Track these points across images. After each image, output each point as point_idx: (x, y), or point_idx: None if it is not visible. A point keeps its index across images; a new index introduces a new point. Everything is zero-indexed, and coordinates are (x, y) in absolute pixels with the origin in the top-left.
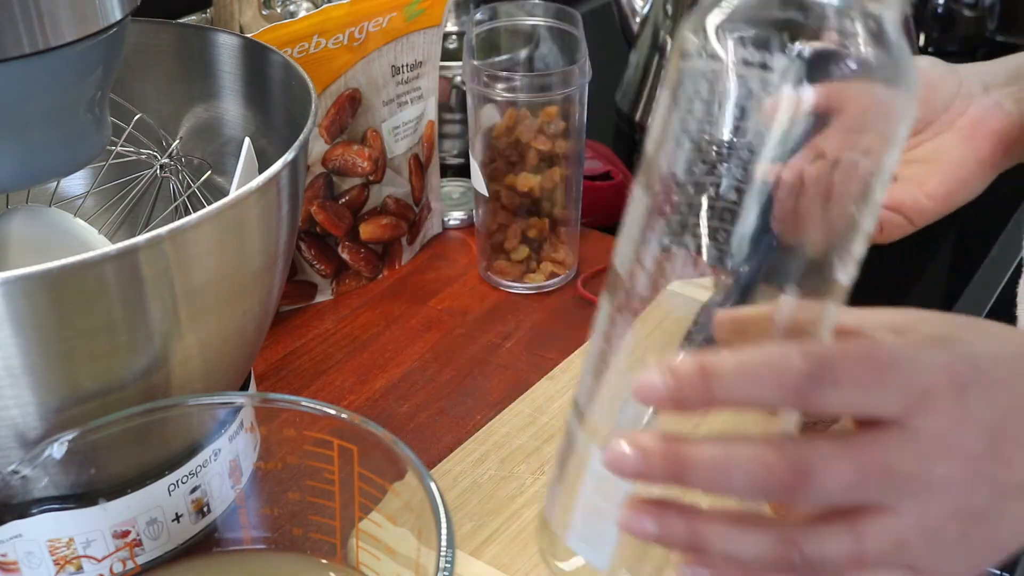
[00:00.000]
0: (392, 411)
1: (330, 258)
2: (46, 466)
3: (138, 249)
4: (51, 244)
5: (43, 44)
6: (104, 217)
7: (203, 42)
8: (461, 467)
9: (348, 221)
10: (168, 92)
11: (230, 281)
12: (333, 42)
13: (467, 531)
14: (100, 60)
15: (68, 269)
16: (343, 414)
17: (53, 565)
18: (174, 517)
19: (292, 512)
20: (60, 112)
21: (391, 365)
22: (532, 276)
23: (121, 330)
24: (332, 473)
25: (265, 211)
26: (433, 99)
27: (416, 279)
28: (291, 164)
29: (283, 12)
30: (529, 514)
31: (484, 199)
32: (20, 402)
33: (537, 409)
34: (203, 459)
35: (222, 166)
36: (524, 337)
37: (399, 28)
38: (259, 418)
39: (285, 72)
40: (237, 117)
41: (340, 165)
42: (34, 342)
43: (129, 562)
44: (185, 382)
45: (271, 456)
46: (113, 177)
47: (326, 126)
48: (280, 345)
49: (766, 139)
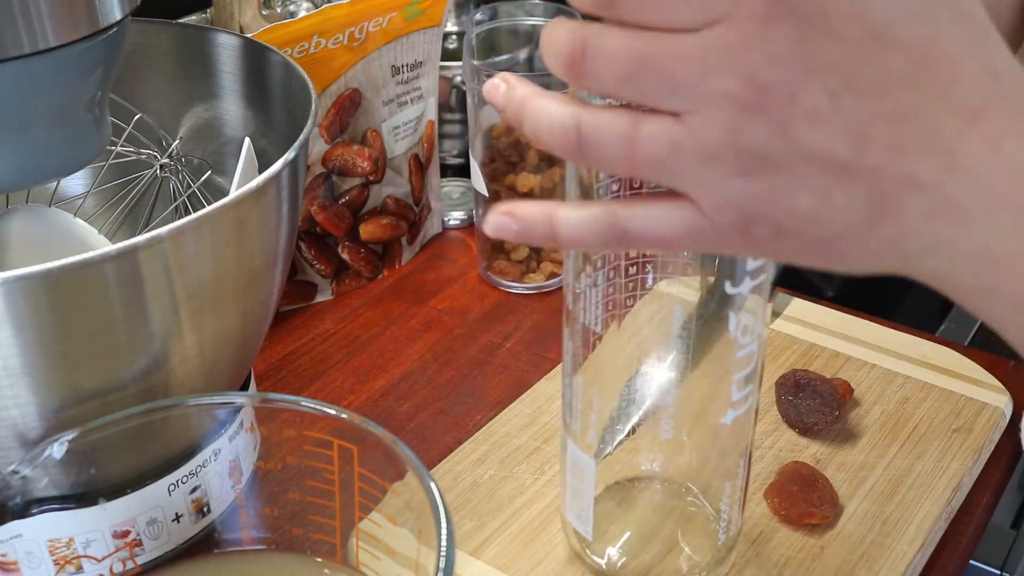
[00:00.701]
0: (392, 411)
1: (330, 258)
2: (46, 466)
3: (138, 249)
4: (51, 244)
5: (43, 44)
6: (104, 217)
7: (203, 42)
8: (461, 467)
9: (348, 221)
10: (168, 92)
11: (230, 281)
12: (333, 42)
13: (467, 531)
14: (100, 60)
15: (68, 269)
16: (343, 414)
17: (53, 565)
18: (174, 517)
19: (292, 512)
20: (60, 112)
21: (391, 365)
22: (532, 276)
23: (121, 330)
24: (332, 473)
25: (265, 211)
26: (433, 99)
27: (416, 279)
28: (291, 164)
29: (283, 12)
30: (529, 514)
31: (484, 199)
32: (20, 402)
33: (537, 409)
34: (203, 459)
35: (222, 166)
36: (524, 337)
37: (399, 28)
38: (259, 418)
39: (285, 72)
40: (237, 117)
41: (340, 165)
42: (34, 342)
43: (129, 562)
44: (185, 382)
45: (271, 456)
46: (113, 177)
47: (326, 126)
48: (280, 345)
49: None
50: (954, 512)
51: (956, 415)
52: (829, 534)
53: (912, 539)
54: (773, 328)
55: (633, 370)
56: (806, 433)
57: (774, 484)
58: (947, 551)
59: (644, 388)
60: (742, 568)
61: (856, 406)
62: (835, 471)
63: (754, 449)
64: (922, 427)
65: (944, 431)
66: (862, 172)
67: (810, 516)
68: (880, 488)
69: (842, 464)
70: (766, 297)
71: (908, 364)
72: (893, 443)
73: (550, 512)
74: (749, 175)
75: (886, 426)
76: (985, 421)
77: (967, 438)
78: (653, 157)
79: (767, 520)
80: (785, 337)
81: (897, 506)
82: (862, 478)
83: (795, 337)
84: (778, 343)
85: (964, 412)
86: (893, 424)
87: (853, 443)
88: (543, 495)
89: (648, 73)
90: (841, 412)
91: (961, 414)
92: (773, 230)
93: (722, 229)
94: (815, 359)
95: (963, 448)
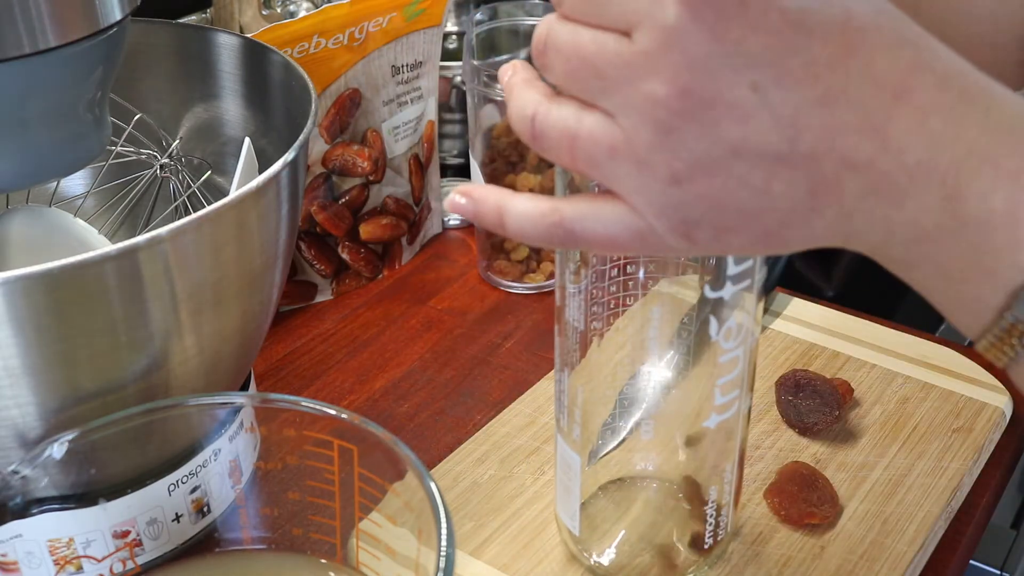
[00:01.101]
0: (392, 411)
1: (330, 258)
2: (46, 466)
3: (138, 249)
4: (51, 244)
5: (43, 44)
6: (104, 217)
7: (203, 42)
8: (461, 467)
9: (348, 221)
10: (168, 92)
11: (230, 281)
12: (333, 42)
13: (467, 531)
14: (100, 60)
15: (68, 269)
16: (343, 414)
17: (53, 565)
18: (174, 517)
19: (292, 512)
20: (60, 112)
21: (391, 365)
22: (532, 276)
23: (121, 330)
24: (332, 473)
25: (265, 211)
26: (433, 99)
27: (416, 279)
28: (291, 164)
29: (283, 12)
30: (529, 514)
31: None
32: (20, 402)
33: (537, 409)
34: (203, 459)
35: (222, 166)
36: (524, 337)
37: (399, 28)
38: (259, 418)
39: (285, 72)
40: (237, 117)
41: (340, 165)
42: (34, 342)
43: (129, 562)
44: (185, 382)
45: (271, 456)
46: (113, 177)
47: (326, 126)
48: (280, 345)
49: None
50: (954, 512)
51: (956, 415)
52: (829, 534)
53: (912, 539)
54: (773, 328)
55: (627, 370)
56: (806, 433)
57: (774, 484)
58: (947, 551)
59: (638, 389)
60: (742, 568)
61: (856, 406)
62: (835, 471)
63: (754, 449)
64: (922, 427)
65: (944, 431)
66: (799, 160)
67: (810, 516)
68: (880, 488)
69: (842, 464)
70: (754, 302)
71: (908, 364)
72: (893, 443)
73: (550, 512)
74: (682, 183)
75: (886, 426)
76: (985, 421)
77: (967, 438)
78: (592, 158)
79: (767, 520)
80: (785, 337)
81: (897, 506)
82: (862, 478)
83: (795, 337)
84: (778, 343)
85: (964, 412)
86: (893, 424)
87: (853, 443)
88: (543, 495)
89: (586, 71)
90: (841, 412)
91: (961, 414)
92: (713, 231)
93: (663, 233)
94: (815, 359)
95: (963, 448)
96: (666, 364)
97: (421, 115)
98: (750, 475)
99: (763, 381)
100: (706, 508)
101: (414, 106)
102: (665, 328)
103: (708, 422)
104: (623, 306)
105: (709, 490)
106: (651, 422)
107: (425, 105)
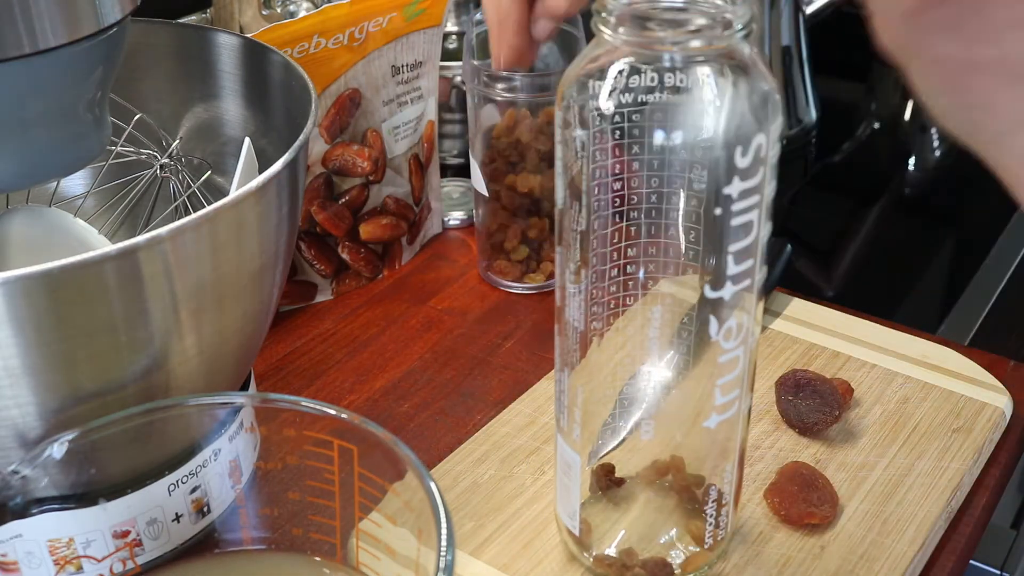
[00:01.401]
0: (392, 411)
1: (330, 258)
2: (46, 466)
3: (138, 249)
4: (51, 244)
5: (43, 44)
6: (104, 217)
7: (203, 42)
8: (461, 467)
9: (348, 221)
10: (168, 92)
11: (230, 281)
12: (333, 42)
13: (467, 531)
14: (100, 60)
15: (68, 269)
16: (343, 414)
17: (53, 565)
18: (174, 517)
19: (292, 512)
20: (60, 112)
21: (391, 365)
22: (532, 276)
23: (121, 330)
24: (332, 473)
25: (265, 211)
26: (433, 99)
27: (416, 279)
28: (291, 164)
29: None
30: (529, 514)
31: (484, 199)
32: (20, 402)
33: (537, 409)
34: (203, 459)
35: (222, 166)
36: (524, 337)
37: (399, 28)
38: (259, 418)
39: (285, 72)
40: (237, 117)
41: (340, 165)
42: (34, 342)
43: (129, 562)
44: (185, 382)
45: (271, 456)
46: (113, 177)
47: (326, 126)
48: (280, 345)
49: None
50: (954, 512)
51: (956, 415)
52: (829, 534)
53: (912, 539)
54: (773, 328)
55: (627, 370)
56: (806, 433)
57: (774, 484)
58: (947, 551)
59: (638, 389)
60: (742, 568)
61: (856, 406)
62: (835, 471)
63: (754, 449)
64: (922, 427)
65: (944, 431)
66: None
67: (810, 516)
68: (880, 488)
69: (842, 464)
70: (754, 302)
71: (908, 364)
72: (893, 443)
73: (550, 512)
74: None
75: (886, 426)
76: (985, 421)
77: (967, 438)
78: None
79: (767, 520)
80: (785, 337)
81: (897, 506)
82: (862, 478)
83: (795, 337)
84: (778, 343)
85: (964, 412)
86: (893, 424)
87: (853, 443)
88: (543, 495)
89: None
90: (841, 412)
91: (961, 414)
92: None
93: None
94: (815, 359)
95: (963, 448)
96: (666, 364)
97: (421, 115)
98: (750, 475)
99: (763, 381)
100: (706, 508)
101: (414, 106)
102: (665, 328)
103: (708, 422)
104: (623, 306)
105: (709, 490)
106: (651, 422)
107: (425, 105)
